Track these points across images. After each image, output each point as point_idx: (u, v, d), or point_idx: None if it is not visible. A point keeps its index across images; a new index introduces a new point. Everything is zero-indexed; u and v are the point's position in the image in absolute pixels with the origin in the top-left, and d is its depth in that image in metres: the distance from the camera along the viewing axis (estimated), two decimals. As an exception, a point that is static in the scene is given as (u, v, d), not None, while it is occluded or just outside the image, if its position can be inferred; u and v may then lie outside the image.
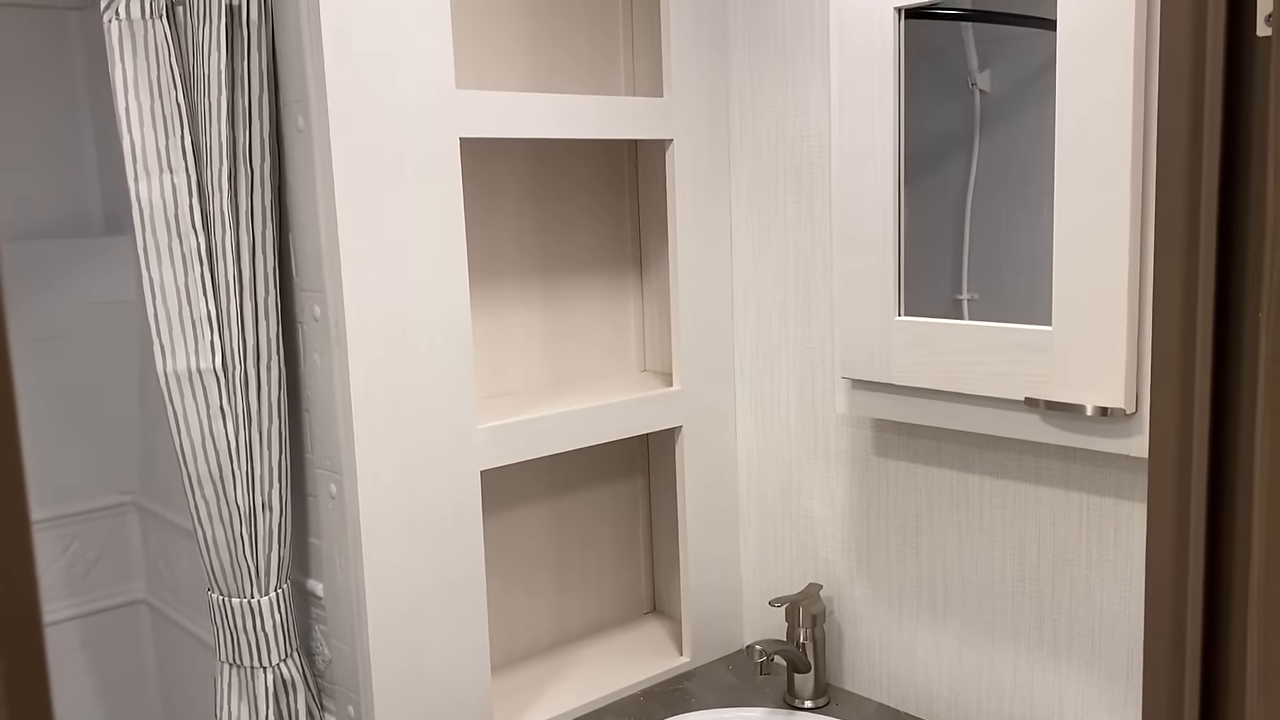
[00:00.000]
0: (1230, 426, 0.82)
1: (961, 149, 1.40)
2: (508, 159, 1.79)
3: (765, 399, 1.83)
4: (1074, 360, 1.26)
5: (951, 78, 1.39)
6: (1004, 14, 1.35)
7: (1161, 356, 0.82)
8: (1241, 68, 0.72)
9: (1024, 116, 1.32)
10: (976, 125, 1.38)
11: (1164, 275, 0.75)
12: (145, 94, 1.40)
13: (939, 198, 1.42)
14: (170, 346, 1.44)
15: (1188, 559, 0.90)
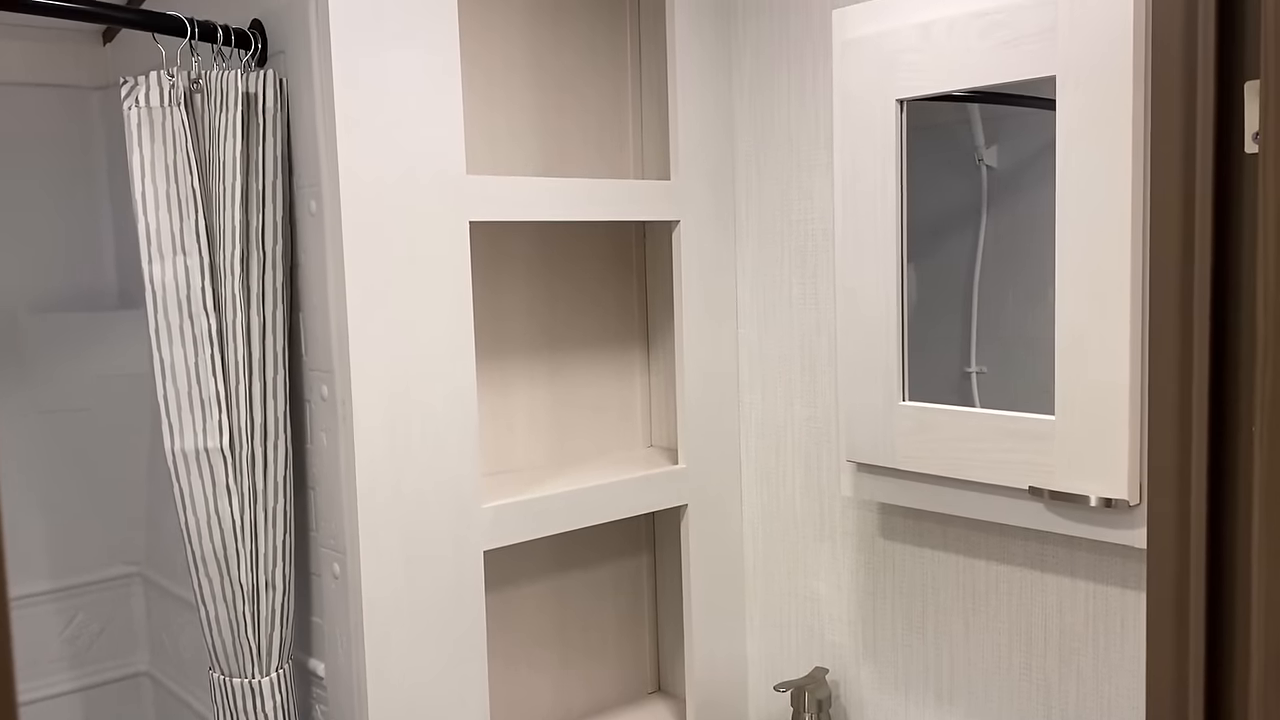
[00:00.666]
0: (1228, 525, 0.82)
1: (969, 223, 1.41)
2: (516, 237, 1.82)
3: (771, 478, 1.83)
4: (1077, 450, 1.26)
5: (958, 153, 1.41)
6: (1006, 95, 1.37)
7: (1158, 462, 0.82)
8: (1231, 184, 0.73)
9: (1031, 192, 1.33)
10: (984, 200, 1.40)
11: (1158, 390, 0.76)
12: (162, 178, 1.43)
13: (947, 270, 1.43)
14: (179, 426, 1.45)
15: (1188, 658, 0.89)
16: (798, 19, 1.70)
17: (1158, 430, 0.80)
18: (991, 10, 1.30)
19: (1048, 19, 1.24)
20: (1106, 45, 1.19)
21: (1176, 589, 0.88)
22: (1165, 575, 0.80)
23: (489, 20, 1.76)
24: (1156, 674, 0.91)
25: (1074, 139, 1.23)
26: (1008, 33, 1.28)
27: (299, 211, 1.51)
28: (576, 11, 1.86)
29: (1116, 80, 1.18)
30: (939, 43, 1.36)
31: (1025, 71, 1.27)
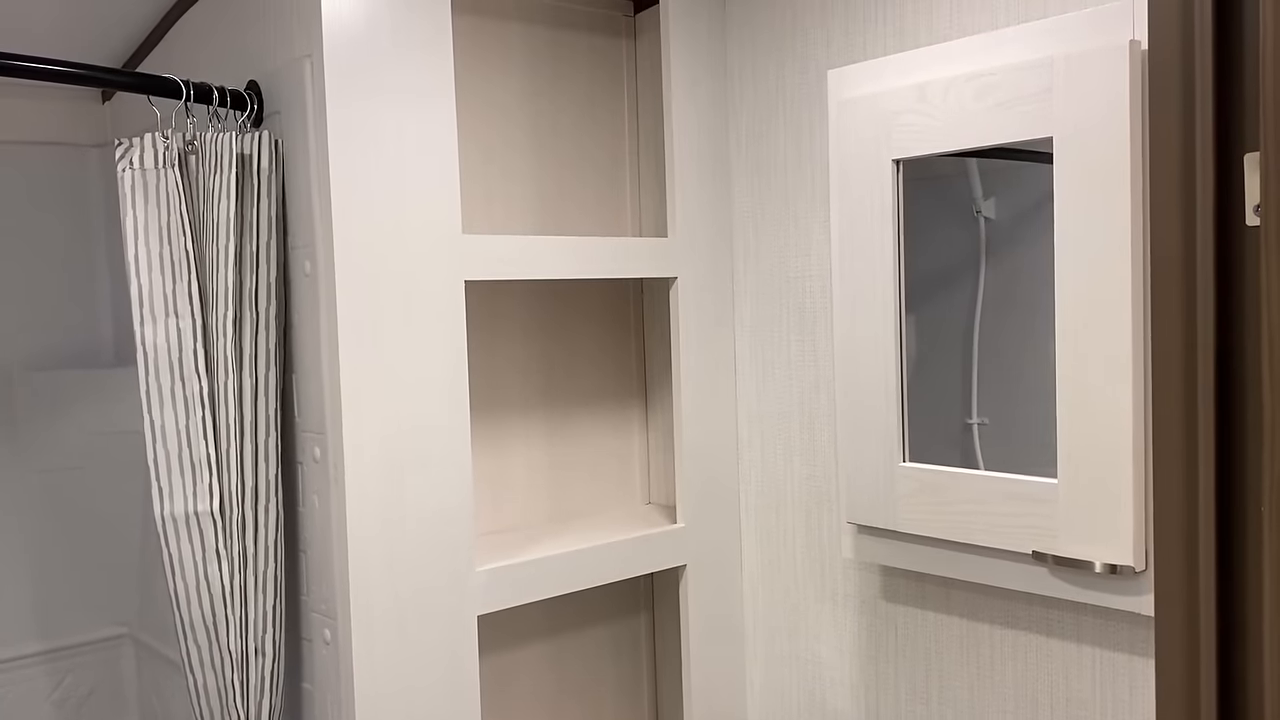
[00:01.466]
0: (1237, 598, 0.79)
1: (968, 274, 1.40)
2: (513, 293, 1.81)
3: (771, 537, 1.80)
4: (1081, 515, 1.24)
5: (956, 204, 1.40)
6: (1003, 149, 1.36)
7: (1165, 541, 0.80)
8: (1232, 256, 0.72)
9: (1030, 244, 1.32)
10: (982, 251, 1.39)
11: (1163, 470, 0.74)
12: (155, 240, 1.42)
13: (947, 322, 1.41)
14: (169, 489, 1.43)
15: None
16: (793, 78, 1.70)
17: (1163, 509, 0.78)
18: (986, 72, 1.30)
19: (1043, 81, 1.24)
20: (1103, 108, 1.18)
21: (1186, 664, 0.85)
22: (1174, 654, 0.78)
23: (488, 78, 1.76)
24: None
25: (1072, 200, 1.22)
26: (1003, 94, 1.28)
27: (293, 272, 1.51)
28: (575, 70, 1.86)
29: (1114, 142, 1.18)
30: (935, 103, 1.36)
31: (1022, 133, 1.27)
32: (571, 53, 1.86)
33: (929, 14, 1.49)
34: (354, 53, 1.41)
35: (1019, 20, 1.38)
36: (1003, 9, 1.41)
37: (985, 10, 1.43)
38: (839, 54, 1.62)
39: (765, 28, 1.74)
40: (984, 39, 1.34)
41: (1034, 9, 1.37)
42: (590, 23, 1.89)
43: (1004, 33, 1.32)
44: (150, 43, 1.95)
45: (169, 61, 1.89)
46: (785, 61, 1.71)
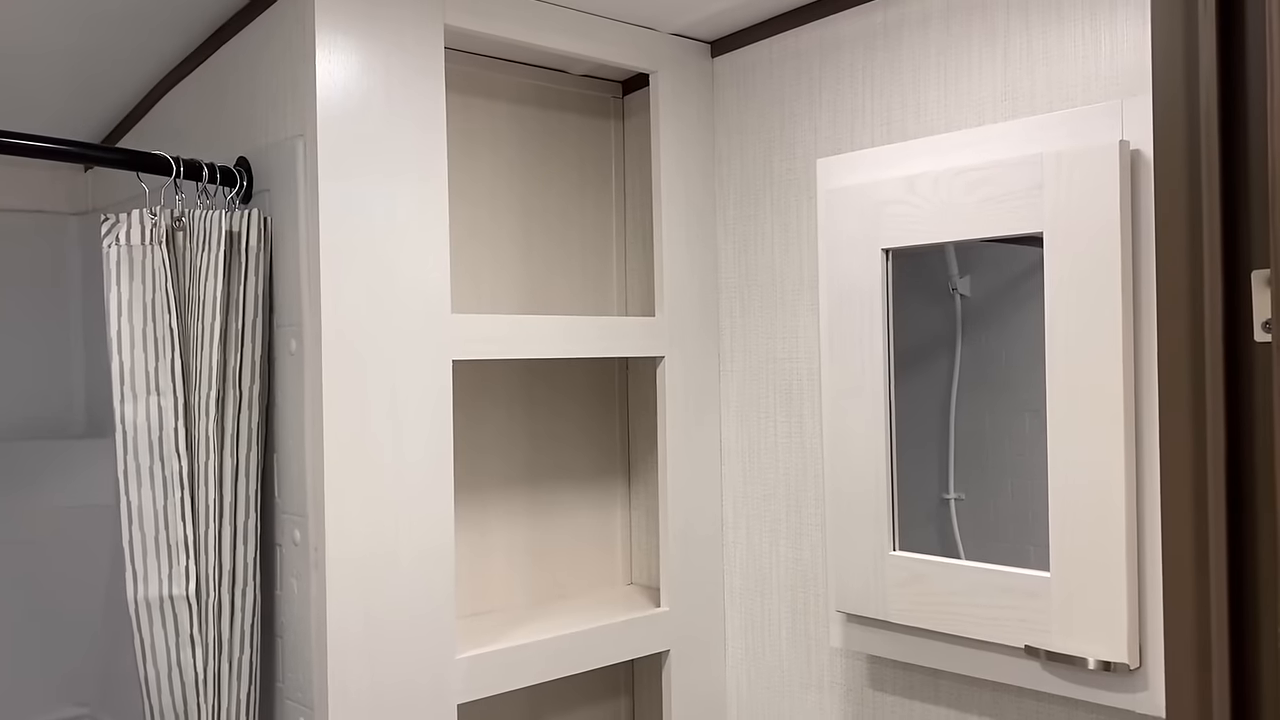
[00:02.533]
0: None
1: (944, 350, 1.41)
2: (497, 370, 1.80)
3: (756, 623, 1.78)
4: (1074, 610, 1.23)
5: (932, 281, 1.42)
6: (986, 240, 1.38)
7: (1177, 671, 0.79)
8: (1241, 372, 0.72)
9: (1004, 320, 1.34)
10: (958, 328, 1.40)
11: (1174, 594, 0.73)
12: (139, 317, 1.40)
13: (924, 397, 1.42)
14: (143, 572, 1.39)
15: None
16: (781, 163, 1.72)
17: (1174, 634, 0.77)
18: (977, 166, 1.32)
19: (1034, 178, 1.26)
20: (1094, 206, 1.20)
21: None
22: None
23: (477, 157, 1.77)
24: None
25: (1063, 295, 1.23)
26: (994, 189, 1.30)
27: (278, 350, 1.49)
28: (564, 149, 1.87)
29: (1104, 240, 1.19)
30: (925, 195, 1.37)
31: (1012, 227, 1.28)
32: (561, 133, 1.88)
33: (916, 107, 1.52)
34: (347, 132, 1.41)
35: (1005, 117, 1.41)
36: (989, 105, 1.43)
37: (972, 106, 1.45)
38: (826, 142, 1.65)
39: (753, 113, 1.76)
40: (974, 133, 1.36)
41: (1020, 106, 1.39)
42: (579, 104, 1.91)
43: (994, 128, 1.34)
44: (135, 115, 1.94)
45: (154, 134, 1.88)
46: (773, 147, 1.73)
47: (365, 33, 1.43)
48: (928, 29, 1.50)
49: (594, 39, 1.66)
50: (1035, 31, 1.38)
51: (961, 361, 1.40)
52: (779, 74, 1.72)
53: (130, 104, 1.93)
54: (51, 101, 1.87)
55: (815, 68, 1.66)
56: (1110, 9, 1.30)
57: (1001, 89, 1.42)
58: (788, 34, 1.70)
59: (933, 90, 1.50)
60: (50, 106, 1.89)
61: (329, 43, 1.40)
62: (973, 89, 1.46)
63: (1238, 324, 0.73)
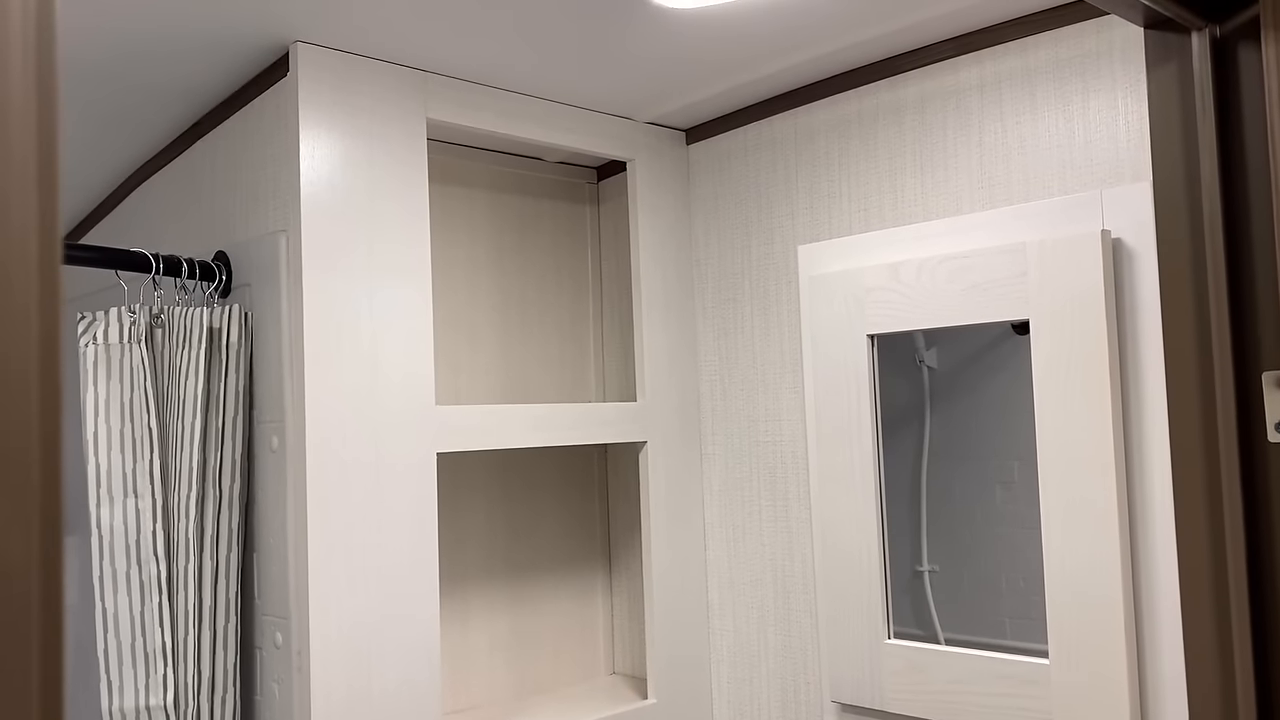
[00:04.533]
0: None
1: (914, 421, 1.42)
2: (477, 462, 1.78)
3: (745, 713, 1.75)
4: (1075, 700, 1.23)
5: (900, 353, 1.43)
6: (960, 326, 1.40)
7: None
8: (1256, 473, 0.73)
9: (972, 391, 1.35)
10: (926, 399, 1.41)
11: (1199, 696, 0.73)
12: (116, 418, 1.37)
13: (895, 469, 1.42)
14: (119, 683, 1.34)
15: None
16: (759, 249, 1.73)
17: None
18: (959, 254, 1.34)
19: (1018, 266, 1.28)
20: (1078, 292, 1.22)
21: None
22: None
23: (454, 244, 1.76)
24: None
25: (1051, 379, 1.25)
26: (977, 276, 1.32)
27: (258, 448, 1.46)
28: (539, 235, 1.88)
29: (1090, 326, 1.21)
30: (909, 283, 1.39)
31: (998, 314, 1.30)
32: (537, 219, 1.88)
33: (894, 194, 1.55)
34: (331, 227, 1.41)
35: (983, 204, 1.44)
36: (966, 193, 1.46)
37: (950, 194, 1.48)
38: (804, 228, 1.67)
39: (730, 199, 1.78)
40: (957, 221, 1.39)
41: (997, 195, 1.42)
42: (555, 190, 1.92)
43: (976, 216, 1.37)
44: (106, 206, 1.92)
45: (126, 227, 1.86)
46: (751, 232, 1.75)
47: (349, 128, 1.43)
48: (902, 118, 1.54)
49: (572, 130, 1.68)
50: (1009, 121, 1.41)
51: (931, 433, 1.41)
52: (754, 161, 1.75)
53: (100, 196, 1.91)
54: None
55: (790, 155, 1.69)
56: (1083, 99, 1.34)
57: (978, 177, 1.45)
58: (762, 122, 1.73)
59: (910, 178, 1.53)
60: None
61: (312, 137, 1.40)
62: (950, 177, 1.48)
63: (1250, 425, 0.73)
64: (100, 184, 1.85)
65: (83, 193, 1.87)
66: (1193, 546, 0.74)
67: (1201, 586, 0.73)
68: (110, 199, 1.90)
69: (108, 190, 1.88)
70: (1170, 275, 0.76)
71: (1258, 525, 0.72)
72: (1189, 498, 0.73)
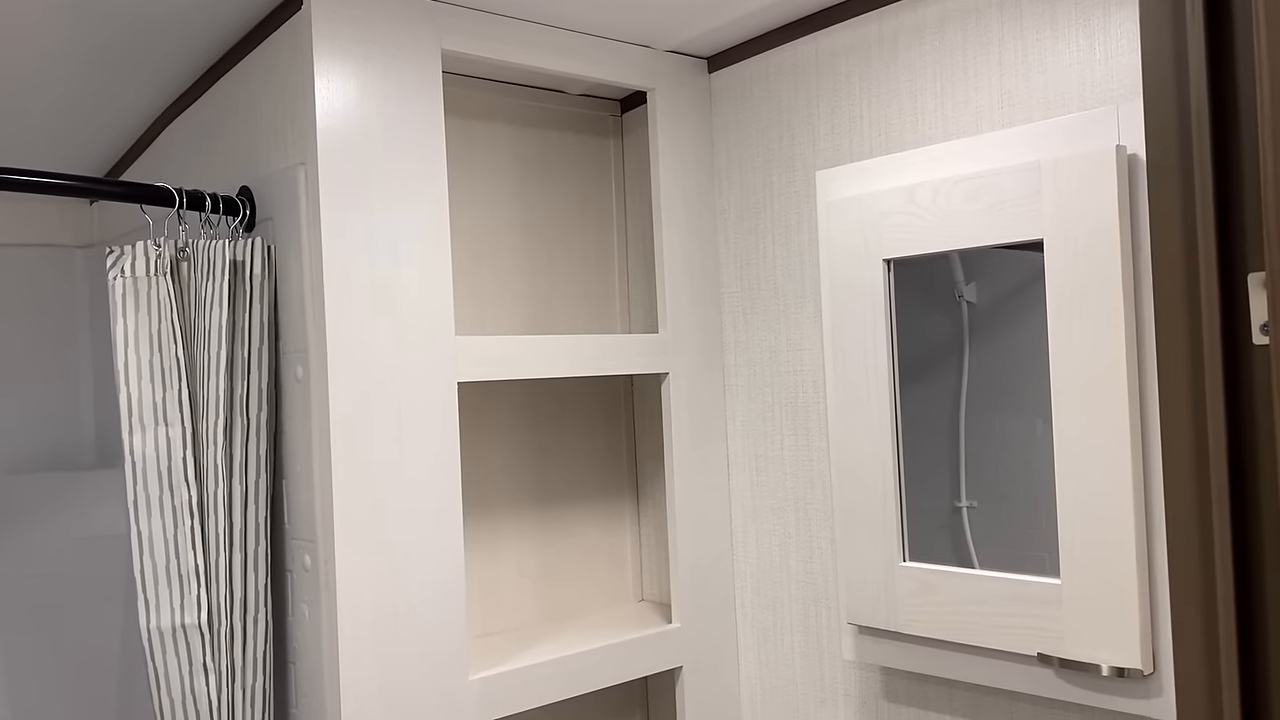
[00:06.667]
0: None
1: (952, 357, 1.40)
2: (503, 391, 1.80)
3: (769, 637, 1.77)
4: (1086, 617, 1.23)
5: (938, 289, 1.41)
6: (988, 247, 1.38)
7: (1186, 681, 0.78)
8: (1240, 375, 0.72)
9: (1012, 326, 1.33)
10: (965, 335, 1.40)
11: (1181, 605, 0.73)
12: (145, 348, 1.41)
13: (933, 406, 1.42)
14: (155, 602, 1.40)
15: None
16: (780, 176, 1.72)
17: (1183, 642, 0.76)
18: (975, 175, 1.32)
19: (1032, 185, 1.26)
20: (1092, 211, 1.20)
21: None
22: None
23: (476, 179, 1.78)
24: None
25: (1064, 302, 1.23)
26: (993, 196, 1.30)
27: (284, 377, 1.49)
28: (563, 169, 1.88)
29: (1104, 244, 1.19)
30: (925, 205, 1.37)
31: (1012, 235, 1.28)
32: (560, 152, 1.88)
33: (914, 117, 1.52)
34: (347, 159, 1.42)
35: (1003, 124, 1.41)
36: (986, 113, 1.43)
37: (970, 115, 1.45)
38: (825, 154, 1.65)
39: (751, 127, 1.77)
40: (972, 142, 1.36)
41: (1017, 114, 1.40)
42: (578, 123, 1.92)
43: (991, 136, 1.35)
44: (139, 147, 1.96)
45: (158, 166, 1.90)
46: (772, 160, 1.74)
47: (363, 59, 1.44)
48: (922, 39, 1.51)
49: (590, 59, 1.67)
50: (1030, 39, 1.38)
51: (970, 369, 1.40)
52: (776, 87, 1.73)
53: (133, 137, 1.94)
54: (56, 137, 1.89)
55: (812, 80, 1.67)
56: (1104, 15, 1.30)
57: (998, 97, 1.42)
58: (784, 48, 1.71)
59: (929, 99, 1.51)
60: (55, 142, 1.91)
61: (327, 70, 1.41)
62: (970, 97, 1.46)
63: (1236, 327, 0.72)
64: (133, 123, 1.89)
65: (117, 131, 1.91)
66: (1177, 449, 0.73)
67: (1186, 487, 0.73)
68: (144, 137, 1.94)
69: (141, 129, 1.92)
70: (1157, 175, 0.75)
71: (1240, 426, 0.71)
72: (1174, 401, 0.73)
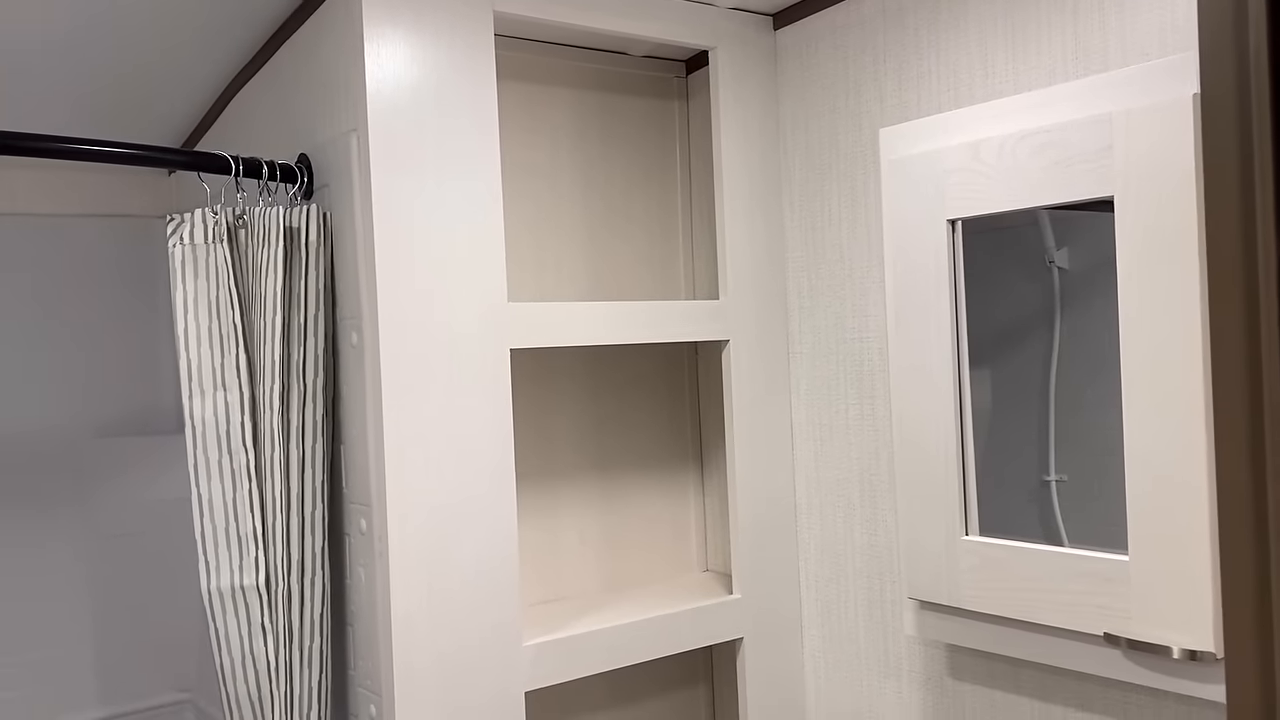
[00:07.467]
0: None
1: (1042, 326, 1.33)
2: (565, 357, 1.79)
3: (833, 610, 1.73)
4: (1155, 596, 1.16)
5: (1027, 254, 1.34)
6: (1064, 206, 1.30)
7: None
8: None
9: (1108, 293, 1.25)
10: (1057, 302, 1.32)
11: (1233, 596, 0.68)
12: (204, 314, 1.43)
13: (1020, 376, 1.35)
14: (215, 563, 1.43)
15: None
16: (847, 136, 1.66)
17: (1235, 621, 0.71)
18: (1042, 130, 1.25)
19: (1103, 139, 1.18)
20: (1167, 165, 1.12)
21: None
22: None
23: (536, 144, 1.76)
24: None
25: (1136, 261, 1.16)
26: (1060, 152, 1.23)
27: (341, 344, 1.50)
28: (626, 132, 1.85)
29: (1179, 200, 1.11)
30: (989, 162, 1.31)
31: (1081, 192, 1.21)
32: (622, 116, 1.85)
33: (984, 70, 1.45)
34: (398, 126, 1.42)
35: (1077, 76, 1.33)
36: (1060, 64, 1.35)
37: (1042, 67, 1.38)
38: (892, 111, 1.58)
39: (817, 86, 1.71)
40: (1040, 95, 1.29)
41: (1093, 64, 1.32)
42: (641, 86, 1.88)
43: (1061, 88, 1.27)
44: (211, 117, 1.99)
45: (228, 135, 1.93)
46: (838, 120, 1.68)
47: (413, 24, 1.43)
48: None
49: (648, 18, 1.63)
50: (1105, -17, 1.30)
51: (1061, 338, 1.33)
52: (843, 44, 1.66)
53: (205, 107, 1.98)
54: (131, 110, 1.93)
55: (879, 35, 1.60)
56: (1185, -47, 1.21)
57: (1072, 47, 1.34)
58: (850, 1, 1.65)
59: (1000, 52, 1.43)
60: (134, 114, 1.95)
61: (377, 35, 1.40)
62: (1042, 49, 1.38)
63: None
64: (203, 95, 1.92)
65: (189, 104, 1.94)
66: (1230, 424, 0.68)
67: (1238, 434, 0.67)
68: (214, 109, 1.97)
69: (210, 101, 1.95)
70: (1212, 117, 0.69)
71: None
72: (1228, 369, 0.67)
